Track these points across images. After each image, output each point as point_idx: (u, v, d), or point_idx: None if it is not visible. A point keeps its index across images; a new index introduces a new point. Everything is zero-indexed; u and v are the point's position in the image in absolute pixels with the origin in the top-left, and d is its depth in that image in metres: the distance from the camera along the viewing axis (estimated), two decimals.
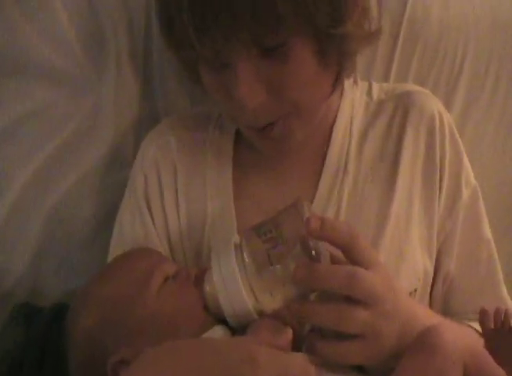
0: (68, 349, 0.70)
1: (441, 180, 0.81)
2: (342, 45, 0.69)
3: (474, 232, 0.83)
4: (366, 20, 0.73)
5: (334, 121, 0.84)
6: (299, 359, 0.53)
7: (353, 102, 0.86)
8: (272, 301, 0.64)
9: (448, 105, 0.96)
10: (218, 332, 0.65)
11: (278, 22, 0.63)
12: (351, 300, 0.61)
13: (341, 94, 0.85)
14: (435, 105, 0.84)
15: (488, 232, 0.84)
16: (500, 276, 0.84)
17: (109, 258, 0.83)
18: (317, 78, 0.71)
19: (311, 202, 0.80)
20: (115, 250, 0.83)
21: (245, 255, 0.64)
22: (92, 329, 0.67)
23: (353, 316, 0.61)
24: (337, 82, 0.75)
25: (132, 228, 0.83)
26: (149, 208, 0.83)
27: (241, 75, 0.67)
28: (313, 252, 0.62)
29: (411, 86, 0.90)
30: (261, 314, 0.65)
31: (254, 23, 0.63)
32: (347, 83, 0.86)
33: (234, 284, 0.64)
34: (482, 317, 0.68)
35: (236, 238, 0.68)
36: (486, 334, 0.68)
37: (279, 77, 0.68)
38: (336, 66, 0.72)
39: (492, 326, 0.68)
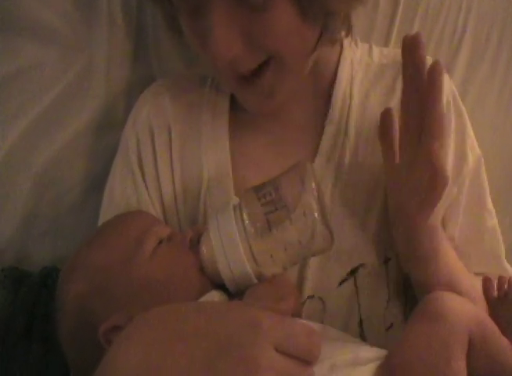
0: (57, 314, 0.67)
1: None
2: (325, 2, 0.67)
3: (479, 200, 0.82)
4: None
5: (334, 81, 0.82)
6: (302, 324, 0.51)
7: (353, 61, 0.83)
8: (273, 265, 0.63)
9: (450, 66, 0.96)
10: (214, 297, 0.63)
11: None
12: None
13: (340, 53, 0.83)
14: None
15: (490, 202, 0.83)
16: (502, 246, 0.83)
17: (100, 221, 0.81)
18: (297, 30, 0.68)
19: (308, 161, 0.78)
20: (106, 213, 0.81)
21: (245, 217, 0.62)
22: (83, 294, 0.65)
23: None
24: (322, 37, 0.72)
25: (123, 191, 0.81)
26: (142, 171, 0.81)
27: (216, 19, 0.65)
28: (315, 214, 0.61)
29: None
30: (260, 278, 0.63)
31: None
32: (347, 42, 0.84)
33: (233, 246, 0.62)
34: (486, 286, 0.67)
35: (234, 199, 0.66)
36: (490, 302, 0.67)
37: (257, 26, 0.66)
38: (320, 21, 0.70)
39: (496, 294, 0.67)
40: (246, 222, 0.62)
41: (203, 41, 0.68)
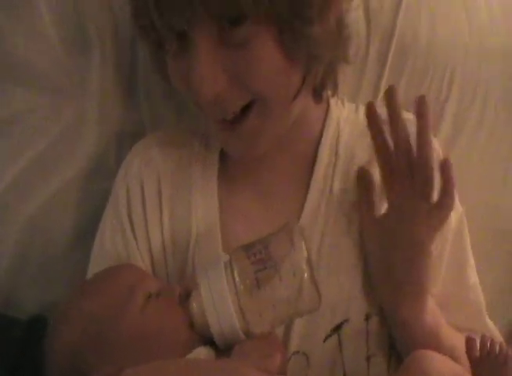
0: (47, 366, 0.68)
1: None
2: (309, 45, 0.69)
3: (462, 258, 0.83)
4: (341, 30, 0.74)
5: (320, 138, 0.83)
6: None
7: (339, 120, 0.85)
8: (261, 323, 0.63)
9: (434, 130, 0.95)
10: (201, 353, 0.64)
11: None
12: None
13: (327, 111, 0.85)
14: None
15: (472, 259, 0.84)
16: (483, 302, 0.84)
17: (90, 273, 0.81)
18: (280, 70, 0.69)
19: (298, 220, 0.79)
20: (95, 264, 0.81)
21: (235, 274, 0.63)
22: (74, 346, 0.66)
23: None
24: (305, 82, 0.73)
25: (113, 243, 0.81)
26: (132, 224, 0.81)
27: (200, 57, 0.66)
28: (305, 275, 0.62)
29: None
30: (248, 335, 0.64)
31: None
32: (333, 102, 0.86)
33: (223, 302, 0.63)
34: (468, 345, 0.68)
35: (224, 256, 0.67)
36: (472, 361, 0.68)
37: (240, 64, 0.67)
38: (303, 64, 0.71)
39: (478, 354, 0.68)
40: (237, 279, 0.63)
41: (187, 79, 0.69)
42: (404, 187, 0.72)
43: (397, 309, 0.73)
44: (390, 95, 0.72)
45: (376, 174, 0.80)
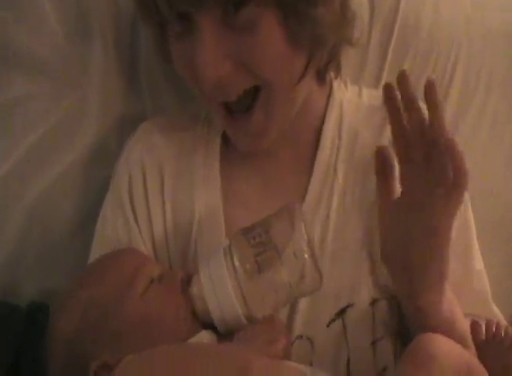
0: (48, 353, 0.67)
1: None
2: (314, 27, 0.68)
3: (467, 244, 0.82)
4: (345, 12, 0.73)
5: (323, 121, 0.83)
6: (292, 368, 0.52)
7: (342, 102, 0.84)
8: (263, 307, 0.63)
9: None
10: (204, 337, 0.63)
11: None
12: None
13: (329, 94, 0.84)
14: None
15: (477, 245, 0.83)
16: (489, 288, 0.83)
17: (91, 258, 0.80)
18: (284, 54, 0.69)
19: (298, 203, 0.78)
20: (97, 249, 0.81)
21: (235, 259, 0.63)
22: (74, 333, 0.65)
23: None
24: (309, 66, 0.72)
25: (115, 228, 0.81)
26: (133, 209, 0.81)
27: (203, 40, 0.66)
28: (306, 255, 0.62)
29: None
30: (251, 320, 0.63)
31: None
32: (336, 84, 0.85)
33: (223, 288, 0.62)
34: (474, 329, 0.68)
35: (224, 241, 0.67)
36: (477, 345, 0.67)
37: (244, 48, 0.67)
38: (307, 48, 0.71)
39: (484, 337, 0.67)
40: (237, 264, 0.63)
41: (190, 63, 0.68)
42: (420, 174, 0.67)
43: (415, 297, 0.70)
44: (403, 80, 0.67)
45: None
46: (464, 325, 0.72)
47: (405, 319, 0.74)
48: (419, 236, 0.68)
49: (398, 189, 0.72)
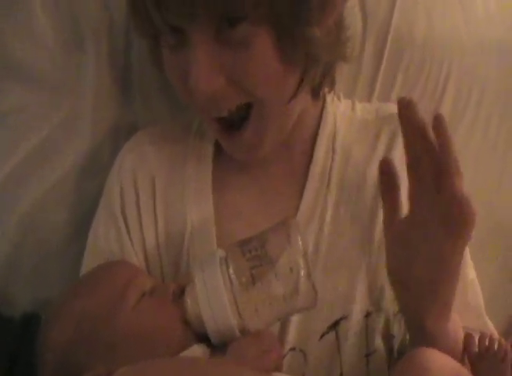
0: (40, 364, 0.67)
1: None
2: (308, 47, 0.68)
3: None
4: (340, 32, 0.73)
5: (317, 134, 0.83)
6: None
7: (336, 116, 0.84)
8: (257, 320, 0.63)
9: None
10: (196, 351, 0.63)
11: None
12: None
13: (323, 108, 0.84)
14: None
15: (469, 255, 0.83)
16: (482, 300, 0.83)
17: (83, 269, 0.80)
18: (277, 71, 0.68)
19: (294, 218, 0.78)
20: (89, 262, 0.81)
21: (231, 271, 0.63)
22: (67, 343, 0.65)
23: None
24: (302, 84, 0.72)
25: (107, 239, 0.80)
26: (125, 220, 0.81)
27: (198, 54, 0.66)
28: (302, 271, 0.62)
29: (393, 107, 0.88)
30: (244, 332, 0.63)
31: None
32: (330, 98, 0.85)
33: (218, 298, 0.62)
34: (467, 342, 0.68)
35: (220, 252, 0.66)
36: (471, 358, 0.67)
37: (238, 63, 0.67)
38: (301, 66, 0.71)
39: (477, 350, 0.67)
40: (233, 276, 0.62)
41: (183, 74, 0.69)
42: (430, 194, 0.64)
43: (422, 318, 0.68)
44: (439, 123, 0.64)
45: (372, 171, 0.78)
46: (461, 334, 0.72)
47: (401, 335, 0.74)
48: (425, 254, 0.66)
49: (403, 203, 0.70)
